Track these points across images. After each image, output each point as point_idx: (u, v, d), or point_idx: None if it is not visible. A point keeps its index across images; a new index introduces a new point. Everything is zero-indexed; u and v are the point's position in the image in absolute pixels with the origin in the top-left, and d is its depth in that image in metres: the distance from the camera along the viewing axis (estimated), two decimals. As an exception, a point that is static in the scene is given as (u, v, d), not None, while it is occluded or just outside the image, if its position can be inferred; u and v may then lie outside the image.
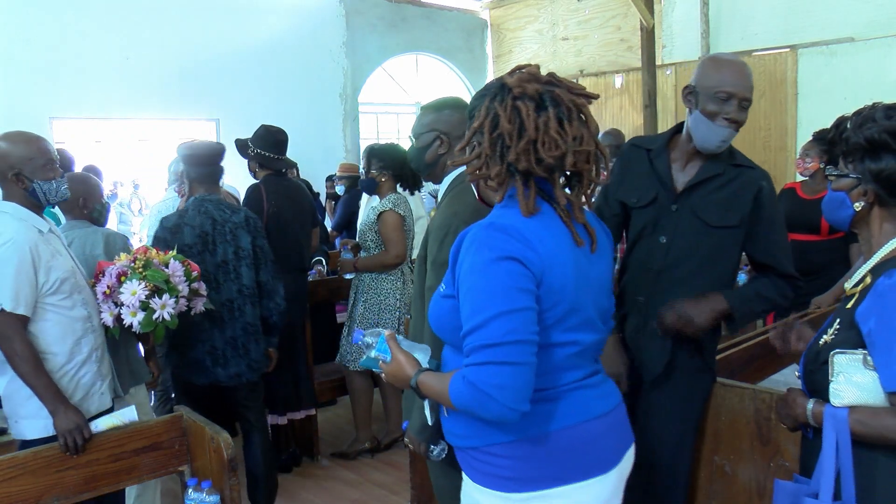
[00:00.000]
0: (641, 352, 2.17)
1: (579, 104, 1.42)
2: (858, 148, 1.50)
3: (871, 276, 1.49)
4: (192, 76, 7.13)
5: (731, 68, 2.02)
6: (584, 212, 1.48)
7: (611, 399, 1.55)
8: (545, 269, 1.35)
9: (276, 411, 3.78)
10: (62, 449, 2.13)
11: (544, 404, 1.41)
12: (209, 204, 3.06)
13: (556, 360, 1.41)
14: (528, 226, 1.38)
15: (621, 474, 1.55)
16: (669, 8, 7.59)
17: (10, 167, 2.26)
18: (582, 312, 1.42)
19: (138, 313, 2.47)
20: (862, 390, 1.43)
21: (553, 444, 1.41)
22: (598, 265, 1.49)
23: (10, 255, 2.17)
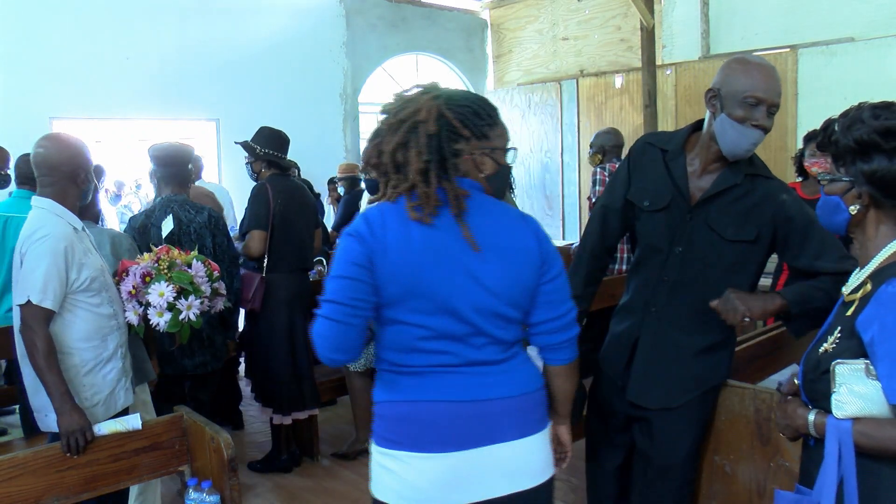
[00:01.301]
0: (657, 379, 2.10)
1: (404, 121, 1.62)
2: (849, 150, 1.47)
3: (872, 283, 1.46)
4: (191, 76, 7.13)
5: (762, 72, 1.93)
6: (458, 214, 1.58)
7: (480, 391, 1.60)
8: (377, 251, 1.54)
9: (280, 411, 3.78)
10: (63, 449, 2.14)
11: (395, 377, 1.63)
12: (175, 204, 3.17)
13: (408, 340, 1.59)
14: (388, 213, 1.58)
15: (472, 463, 1.59)
16: (669, 8, 7.59)
17: (75, 169, 2.39)
18: (435, 301, 1.56)
19: (165, 314, 2.54)
20: (865, 401, 1.40)
21: (396, 412, 1.62)
22: (489, 265, 1.58)
23: (45, 249, 2.24)
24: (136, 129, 7.08)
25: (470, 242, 1.57)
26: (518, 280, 1.62)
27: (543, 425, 1.71)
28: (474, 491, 1.62)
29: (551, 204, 8.86)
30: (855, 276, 1.56)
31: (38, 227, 2.29)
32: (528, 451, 1.66)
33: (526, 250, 1.64)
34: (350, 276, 1.55)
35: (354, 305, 1.55)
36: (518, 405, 1.65)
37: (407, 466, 1.60)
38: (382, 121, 1.64)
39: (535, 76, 9.10)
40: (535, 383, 1.70)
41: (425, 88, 1.66)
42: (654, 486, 2.14)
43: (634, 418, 2.19)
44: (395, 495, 1.62)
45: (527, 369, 1.70)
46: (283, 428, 3.87)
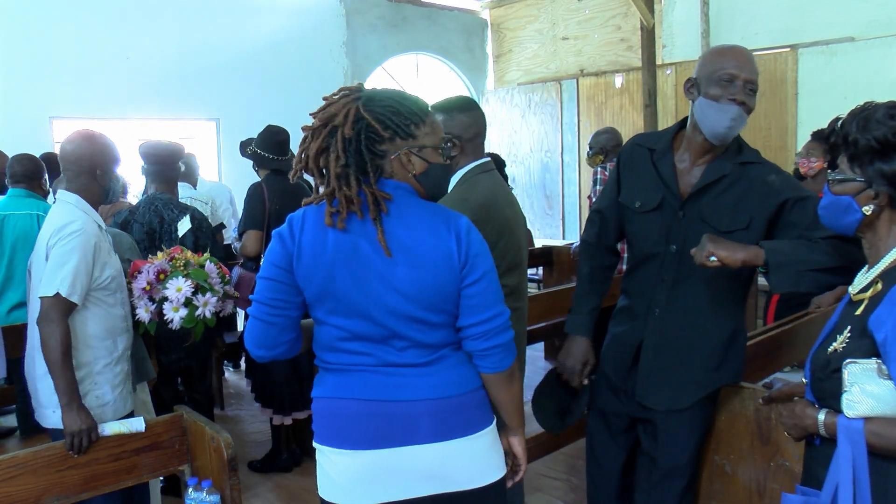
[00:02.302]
0: (665, 381, 2.09)
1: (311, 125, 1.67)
2: (868, 150, 1.45)
3: (883, 282, 1.45)
4: (192, 76, 7.13)
5: (734, 51, 1.96)
6: (376, 219, 1.57)
7: (395, 392, 1.60)
8: (294, 254, 1.58)
9: (280, 412, 3.78)
10: (67, 447, 2.14)
11: (323, 374, 1.69)
12: (159, 202, 3.23)
13: (327, 339, 1.64)
14: (310, 215, 1.61)
15: (387, 463, 1.59)
16: (670, 7, 7.59)
17: (97, 165, 2.41)
18: (348, 304, 1.58)
19: (181, 309, 2.53)
20: (877, 400, 1.39)
21: (321, 408, 1.67)
22: (402, 269, 1.57)
23: (78, 244, 2.26)
24: (137, 129, 7.07)
25: (382, 246, 1.56)
26: (434, 284, 1.57)
27: (473, 430, 1.64)
28: (393, 490, 1.60)
29: (551, 203, 8.87)
30: (863, 275, 1.55)
31: (70, 221, 2.30)
32: (450, 454, 1.61)
33: (444, 253, 1.57)
34: (271, 277, 1.61)
35: (274, 305, 1.61)
36: (437, 408, 1.60)
37: (329, 461, 1.64)
38: (309, 126, 1.66)
39: (535, 76, 9.10)
40: (463, 387, 1.64)
41: (348, 90, 1.66)
42: (659, 487, 2.14)
43: (638, 419, 2.19)
44: (325, 489, 1.67)
45: (456, 372, 1.64)
46: (283, 427, 3.87)
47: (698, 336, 2.08)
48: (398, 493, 1.61)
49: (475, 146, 2.24)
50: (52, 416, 2.32)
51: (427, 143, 1.63)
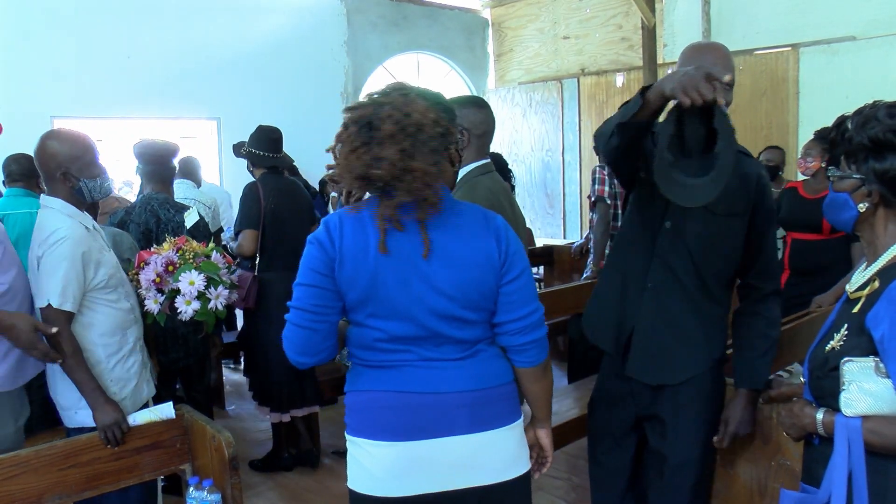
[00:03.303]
0: (655, 359, 2.13)
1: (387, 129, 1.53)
2: (862, 148, 1.46)
3: (880, 280, 1.45)
4: (193, 75, 7.13)
5: (711, 49, 2.06)
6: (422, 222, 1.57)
7: (433, 383, 1.62)
8: (337, 259, 1.57)
9: (278, 410, 3.78)
10: (103, 442, 2.21)
11: (359, 370, 1.69)
12: (155, 202, 3.21)
13: (366, 340, 1.64)
14: (346, 219, 1.60)
15: (423, 454, 1.60)
16: (671, 6, 7.58)
17: (57, 166, 2.31)
18: (390, 307, 1.59)
19: (193, 302, 2.56)
20: (875, 398, 1.39)
21: (358, 401, 1.67)
22: (445, 269, 1.58)
23: (64, 252, 2.24)
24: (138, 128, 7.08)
25: (426, 247, 1.57)
26: (475, 283, 1.60)
27: (505, 422, 1.67)
28: (427, 482, 1.62)
29: (552, 203, 8.86)
30: (860, 273, 1.55)
31: (54, 230, 2.26)
32: (485, 445, 1.64)
33: (485, 252, 1.61)
34: (312, 284, 1.59)
35: (316, 311, 1.60)
36: (474, 399, 1.63)
37: (365, 453, 1.64)
38: (388, 128, 1.53)
39: (536, 75, 9.10)
40: (496, 380, 1.68)
41: (399, 87, 1.61)
42: (671, 482, 2.15)
43: (644, 418, 2.19)
44: (359, 482, 1.66)
45: (490, 365, 1.68)
46: (283, 426, 3.87)
47: (690, 312, 2.12)
48: (433, 485, 1.62)
49: (481, 144, 2.29)
50: (75, 416, 2.35)
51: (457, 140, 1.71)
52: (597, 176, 4.76)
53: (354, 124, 1.56)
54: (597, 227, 4.71)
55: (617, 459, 2.28)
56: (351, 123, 1.57)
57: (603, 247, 4.73)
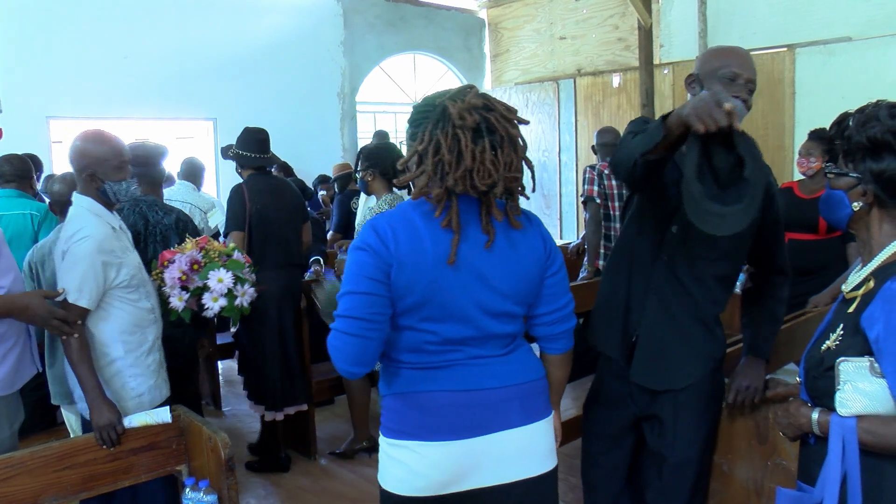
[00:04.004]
0: (659, 364, 2.12)
1: (511, 132, 1.57)
2: (860, 147, 1.46)
3: (875, 280, 1.45)
4: (189, 76, 7.12)
5: (735, 52, 2.07)
6: (513, 220, 1.62)
7: (483, 380, 1.64)
8: (394, 265, 1.54)
9: (272, 408, 3.78)
10: (98, 442, 2.22)
11: (400, 371, 1.66)
12: (144, 204, 3.23)
13: (414, 343, 1.62)
14: (396, 224, 1.57)
15: (478, 450, 1.62)
16: (667, 7, 7.59)
17: (86, 166, 2.38)
18: (446, 308, 1.58)
19: (220, 299, 2.67)
20: (870, 398, 1.39)
21: (403, 403, 1.65)
22: (499, 266, 1.61)
23: (85, 250, 2.28)
24: (134, 129, 7.07)
25: (490, 238, 1.59)
26: (526, 278, 1.66)
27: (548, 413, 1.74)
28: (480, 477, 1.64)
29: (549, 203, 8.87)
30: (856, 273, 1.55)
31: (79, 228, 2.32)
32: (533, 437, 1.69)
33: (534, 247, 1.67)
34: (368, 292, 1.55)
35: (372, 320, 1.56)
36: (521, 392, 1.68)
37: (414, 455, 1.62)
38: (469, 126, 1.52)
39: (532, 75, 9.10)
40: (536, 372, 1.74)
41: (472, 87, 1.61)
42: (670, 481, 2.15)
43: (642, 418, 2.19)
44: (403, 485, 1.64)
45: (528, 359, 1.74)
46: (279, 427, 3.87)
47: (693, 316, 2.12)
48: (487, 480, 1.65)
49: None
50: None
51: None
52: (587, 176, 4.77)
53: (467, 132, 1.52)
54: (588, 226, 4.71)
55: (614, 459, 2.27)
56: (461, 132, 1.52)
57: (596, 246, 4.73)
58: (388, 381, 1.69)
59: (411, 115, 1.66)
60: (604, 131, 5.11)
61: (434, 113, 1.56)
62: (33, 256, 2.77)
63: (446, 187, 1.54)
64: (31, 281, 2.76)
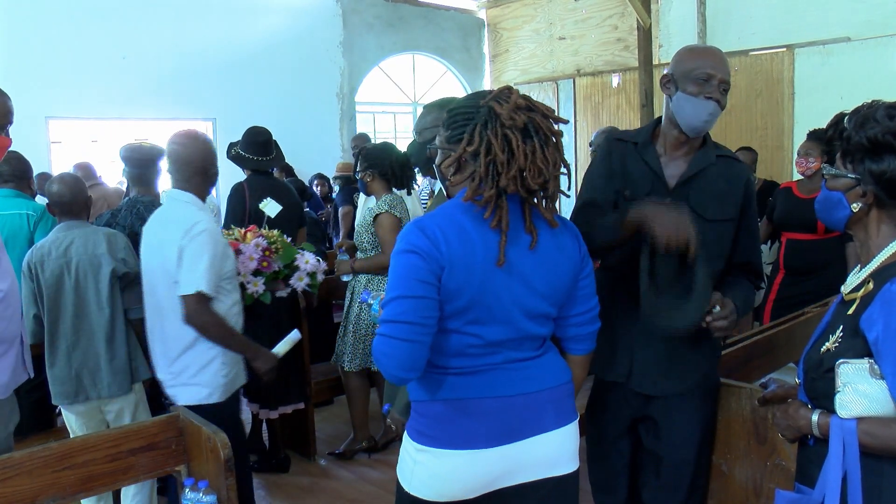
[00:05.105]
0: (659, 371, 2.11)
1: (555, 131, 1.60)
2: (860, 148, 1.45)
3: (874, 282, 1.44)
4: (188, 76, 7.12)
5: (709, 52, 2.08)
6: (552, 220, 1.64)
7: (523, 384, 1.64)
8: (445, 267, 1.52)
9: (266, 406, 3.78)
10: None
11: (440, 378, 1.62)
12: (141, 205, 3.29)
13: (458, 346, 1.60)
14: (444, 226, 1.55)
15: (516, 454, 1.63)
16: (666, 7, 7.60)
17: (202, 163, 2.57)
18: (492, 311, 1.57)
19: (305, 278, 3.27)
20: (869, 400, 1.39)
21: (441, 410, 1.62)
22: (541, 269, 1.62)
23: (206, 242, 2.45)
24: (133, 129, 7.06)
25: (534, 239, 1.60)
26: (562, 279, 1.67)
27: (576, 415, 1.75)
28: (510, 479, 1.66)
29: (548, 203, 8.87)
30: (854, 275, 1.55)
31: (196, 221, 2.46)
32: (566, 438, 1.70)
33: (571, 249, 1.69)
34: (420, 295, 1.52)
35: (425, 324, 1.53)
36: (556, 395, 1.69)
37: (451, 463, 1.60)
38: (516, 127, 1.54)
39: (532, 76, 9.10)
40: (566, 374, 1.75)
41: (511, 89, 1.63)
42: (667, 484, 2.15)
43: (638, 419, 2.19)
44: (433, 491, 1.63)
45: (558, 361, 1.75)
46: (277, 427, 3.87)
47: None
48: (519, 479, 1.66)
49: None
50: (184, 392, 2.54)
51: None
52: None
53: (517, 132, 1.53)
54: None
55: (615, 461, 2.28)
56: (511, 133, 1.53)
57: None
58: (428, 386, 1.64)
59: (448, 118, 1.65)
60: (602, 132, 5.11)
61: (479, 115, 1.56)
62: (32, 257, 2.77)
63: (498, 187, 1.53)
64: (31, 282, 2.75)
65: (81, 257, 2.74)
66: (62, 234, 2.78)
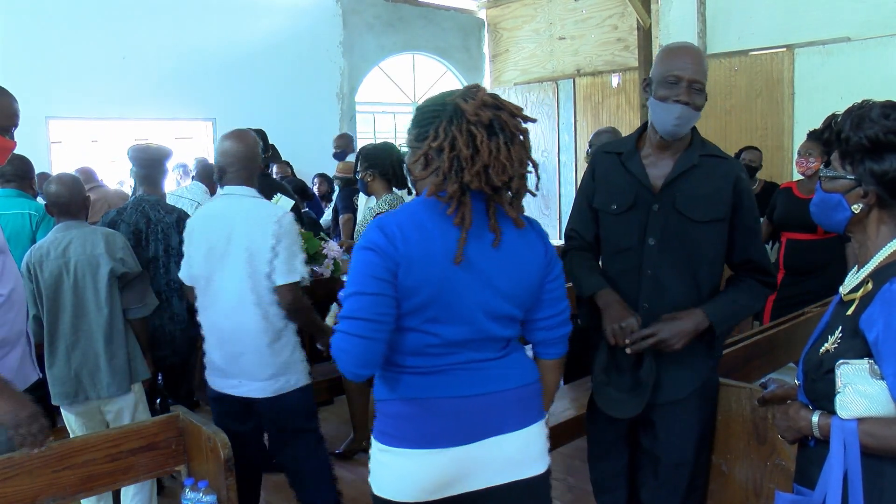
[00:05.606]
0: (668, 373, 2.10)
1: (521, 129, 1.59)
2: (859, 148, 1.44)
3: (873, 282, 1.44)
4: (188, 76, 7.12)
5: (681, 53, 2.07)
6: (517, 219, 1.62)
7: (483, 385, 1.63)
8: (402, 264, 1.52)
9: None
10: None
11: (398, 376, 1.63)
12: (146, 204, 3.36)
13: (417, 345, 1.59)
14: (404, 224, 1.55)
15: (476, 455, 1.61)
16: (666, 7, 7.59)
17: (257, 161, 2.68)
18: (451, 310, 1.57)
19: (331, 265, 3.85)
20: (870, 401, 1.38)
21: (401, 409, 1.62)
22: (504, 269, 1.61)
23: (296, 232, 2.57)
24: (133, 129, 7.07)
25: (497, 238, 1.59)
26: (527, 281, 1.66)
27: (542, 416, 1.73)
28: (475, 481, 1.64)
29: (548, 203, 8.87)
30: (853, 275, 1.54)
31: (283, 213, 2.56)
32: (528, 440, 1.68)
33: (537, 251, 1.67)
34: (375, 292, 1.52)
35: (380, 321, 1.53)
36: (518, 396, 1.67)
37: (412, 462, 1.61)
38: (481, 122, 1.53)
39: (531, 76, 9.10)
40: (532, 375, 1.73)
41: (478, 87, 1.61)
42: (665, 484, 2.15)
43: (637, 421, 2.19)
44: (399, 491, 1.63)
45: (524, 362, 1.73)
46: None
47: None
48: (482, 483, 1.64)
49: None
50: (286, 380, 2.60)
51: None
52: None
53: (481, 129, 1.53)
54: None
55: (615, 461, 2.29)
56: (475, 129, 1.52)
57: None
58: (389, 385, 1.65)
59: (416, 116, 1.65)
60: (601, 132, 5.11)
61: (445, 111, 1.56)
62: (31, 258, 2.77)
63: (461, 183, 1.53)
64: (30, 282, 2.75)
65: (80, 257, 2.74)
66: (60, 234, 2.78)
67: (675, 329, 2.01)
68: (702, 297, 2.10)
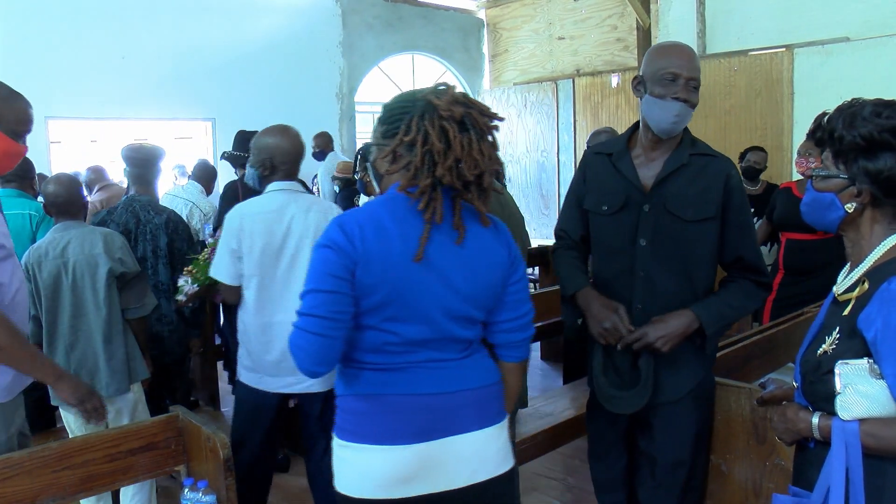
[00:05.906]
0: (664, 373, 2.10)
1: (491, 127, 1.59)
2: (853, 147, 1.43)
3: (869, 282, 1.43)
4: (187, 76, 7.12)
5: (676, 50, 2.07)
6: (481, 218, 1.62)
7: (441, 384, 1.63)
8: (360, 262, 1.52)
9: None
10: None
11: (358, 372, 1.63)
12: (137, 204, 3.36)
13: (375, 343, 1.60)
14: (364, 222, 1.55)
15: (434, 454, 1.61)
16: (666, 7, 7.59)
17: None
18: (409, 308, 1.57)
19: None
20: (870, 400, 1.38)
21: (359, 406, 1.63)
22: (463, 270, 1.61)
23: None
24: (132, 129, 7.06)
25: (460, 235, 1.58)
26: (488, 282, 1.65)
27: (501, 417, 1.73)
28: (435, 481, 1.63)
29: (547, 203, 8.87)
30: (846, 275, 1.54)
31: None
32: (487, 441, 1.68)
33: (499, 253, 1.67)
34: (332, 290, 1.53)
35: (336, 318, 1.53)
36: (479, 396, 1.67)
37: (370, 458, 1.61)
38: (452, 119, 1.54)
39: (531, 76, 9.10)
40: (492, 377, 1.72)
41: (448, 85, 1.62)
42: (662, 484, 2.16)
43: (634, 422, 2.20)
44: (358, 487, 1.62)
45: (486, 364, 1.72)
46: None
47: None
48: (442, 484, 1.63)
49: None
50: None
51: None
52: None
53: (454, 124, 1.53)
54: None
55: (615, 461, 2.29)
56: (448, 124, 1.53)
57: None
58: (347, 381, 1.66)
59: (384, 113, 1.65)
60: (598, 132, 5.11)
61: (416, 107, 1.56)
62: (30, 258, 2.77)
63: (434, 178, 1.53)
64: (28, 282, 2.75)
65: (78, 257, 2.74)
66: (59, 234, 2.78)
67: (662, 331, 2.02)
68: (697, 297, 2.09)
